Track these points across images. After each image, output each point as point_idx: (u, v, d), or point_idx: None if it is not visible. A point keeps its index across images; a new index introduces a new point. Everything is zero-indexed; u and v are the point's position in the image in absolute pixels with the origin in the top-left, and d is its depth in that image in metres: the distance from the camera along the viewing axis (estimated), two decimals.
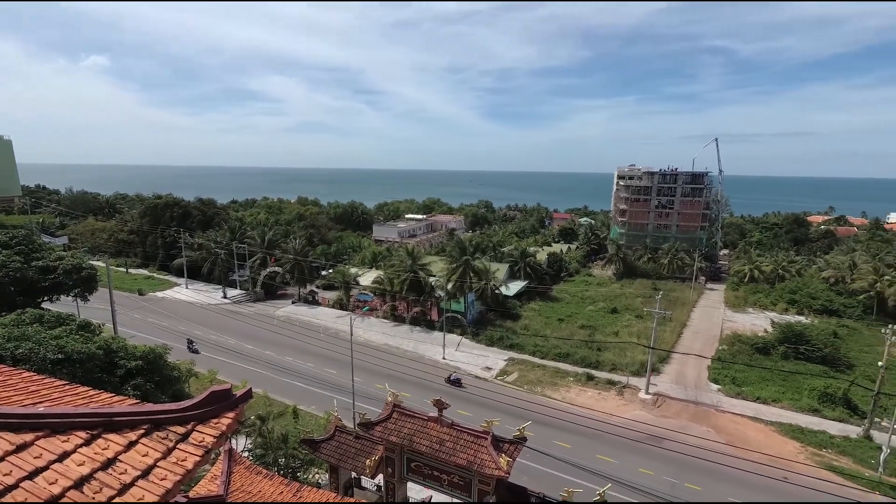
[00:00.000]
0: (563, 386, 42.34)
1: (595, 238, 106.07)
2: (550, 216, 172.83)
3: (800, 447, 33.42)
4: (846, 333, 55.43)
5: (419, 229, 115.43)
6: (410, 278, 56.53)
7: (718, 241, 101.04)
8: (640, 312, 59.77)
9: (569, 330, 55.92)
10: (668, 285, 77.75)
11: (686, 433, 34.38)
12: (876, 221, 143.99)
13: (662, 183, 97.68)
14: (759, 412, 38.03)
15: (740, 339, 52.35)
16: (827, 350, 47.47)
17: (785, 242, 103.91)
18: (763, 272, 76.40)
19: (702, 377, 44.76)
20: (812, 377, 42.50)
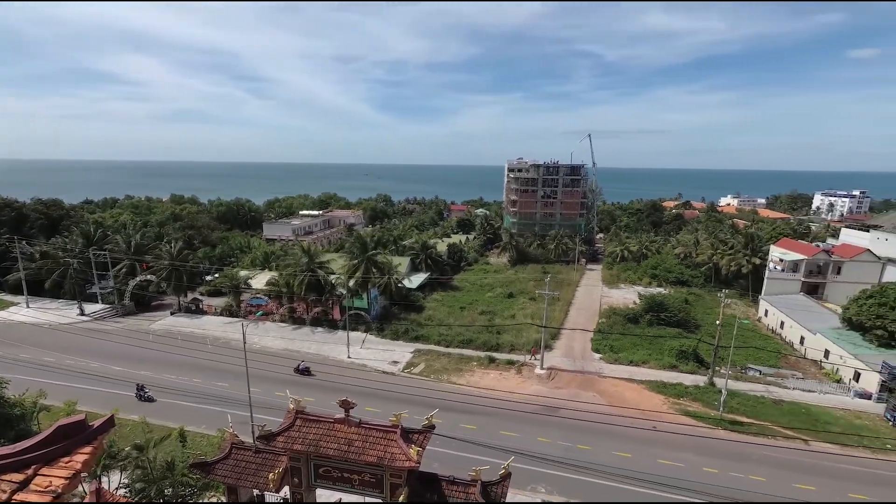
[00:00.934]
0: (468, 371, 44.11)
1: (490, 228, 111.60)
2: (448, 208, 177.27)
3: (664, 399, 39.16)
4: (694, 299, 66.05)
5: (315, 226, 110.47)
6: (309, 278, 53.92)
7: (595, 226, 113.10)
8: (533, 295, 64.60)
9: (470, 317, 58.30)
10: (556, 268, 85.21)
11: (576, 400, 38.27)
12: (712, 205, 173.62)
13: (547, 175, 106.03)
14: (633, 374, 43.69)
15: (615, 312, 59.46)
16: (681, 315, 56.11)
17: (646, 225, 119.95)
18: (631, 252, 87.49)
19: (586, 348, 49.98)
20: (671, 339, 49.91)
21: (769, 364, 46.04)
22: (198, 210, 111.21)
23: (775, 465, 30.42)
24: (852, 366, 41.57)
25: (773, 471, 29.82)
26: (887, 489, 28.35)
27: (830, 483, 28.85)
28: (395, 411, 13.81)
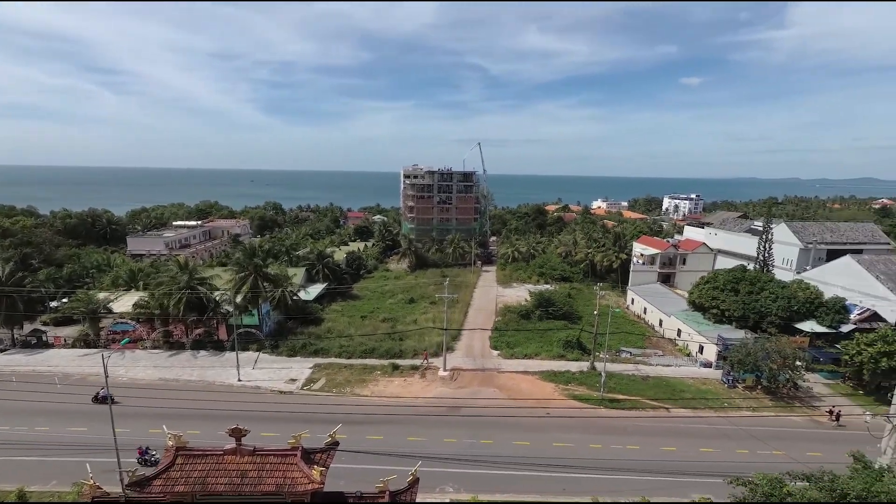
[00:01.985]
0: (372, 381, 43.32)
1: (389, 234, 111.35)
2: (345, 215, 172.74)
3: (554, 387, 42.66)
4: (576, 293, 73.14)
5: (194, 238, 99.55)
6: (188, 296, 48.31)
7: (488, 229, 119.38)
8: (434, 299, 65.88)
9: (372, 325, 57.39)
10: (454, 272, 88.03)
11: (478, 397, 39.86)
12: (586, 208, 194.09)
13: (442, 181, 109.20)
14: (527, 366, 46.87)
15: (510, 310, 63.32)
16: (565, 308, 61.75)
17: (533, 228, 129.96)
18: (521, 253, 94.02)
19: (485, 347, 52.39)
20: (558, 331, 54.61)
21: (637, 346, 52.87)
22: (36, 223, 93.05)
23: (646, 434, 35.00)
24: (697, 341, 49.68)
25: (644, 438, 34.26)
26: (726, 440, 34.33)
27: (686, 441, 34.03)
28: (295, 432, 13.05)
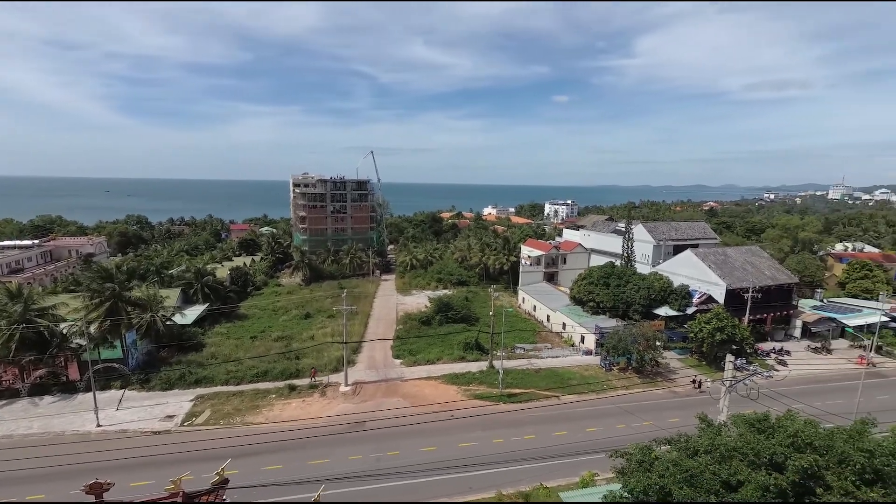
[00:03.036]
0: (266, 406, 40.06)
1: (279, 247, 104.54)
2: (227, 228, 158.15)
3: (457, 389, 43.82)
4: (472, 296, 76.20)
5: (29, 260, 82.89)
6: (22, 331, 39.85)
7: (385, 238, 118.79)
8: (331, 312, 63.39)
9: (264, 346, 53.21)
10: (352, 283, 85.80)
11: (382, 409, 39.20)
12: (478, 215, 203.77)
13: (335, 190, 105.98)
14: (430, 371, 47.45)
15: (411, 317, 63.63)
16: (463, 311, 63.95)
17: (429, 235, 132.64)
18: (419, 260, 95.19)
19: (388, 356, 51.84)
20: (457, 334, 56.29)
21: (529, 341, 56.83)
22: None
23: (540, 422, 37.69)
24: (579, 332, 55.09)
25: (539, 427, 36.85)
26: (607, 418, 38.49)
27: (575, 424, 37.41)
28: (175, 476, 11.50)
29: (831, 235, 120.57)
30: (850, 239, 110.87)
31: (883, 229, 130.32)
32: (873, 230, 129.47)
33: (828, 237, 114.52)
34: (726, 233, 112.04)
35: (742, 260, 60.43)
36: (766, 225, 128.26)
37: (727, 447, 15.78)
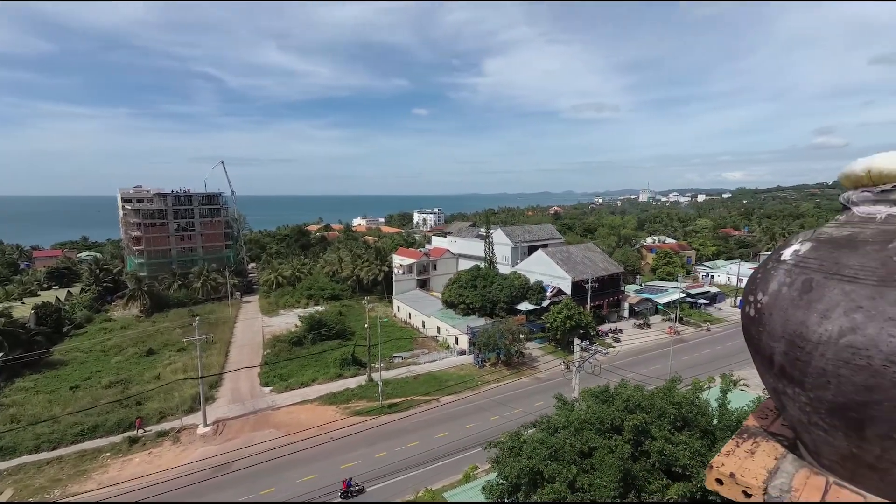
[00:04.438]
0: (97, 468, 33.05)
1: (107, 274, 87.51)
2: (30, 256, 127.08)
3: (336, 408, 42.01)
4: (346, 310, 74.02)
5: None
6: None
7: (244, 256, 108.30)
8: (182, 345, 55.32)
9: (91, 396, 43.86)
10: (207, 308, 76.19)
11: (252, 445, 35.52)
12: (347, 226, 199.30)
13: (178, 205, 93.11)
14: (305, 395, 44.63)
15: (279, 340, 59.03)
16: (338, 326, 61.69)
17: (296, 249, 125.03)
18: (285, 277, 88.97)
19: (255, 386, 47.23)
20: (333, 351, 54.08)
21: (407, 349, 57.41)
22: None
23: (422, 427, 38.32)
24: (453, 333, 57.62)
25: (421, 433, 37.43)
26: (482, 412, 40.92)
27: (454, 423, 38.94)
28: None
29: (643, 231, 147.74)
30: (656, 233, 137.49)
31: (676, 224, 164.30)
32: (670, 225, 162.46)
33: (641, 232, 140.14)
34: (568, 233, 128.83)
35: (582, 256, 70.22)
36: (598, 225, 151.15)
37: (580, 420, 18.14)
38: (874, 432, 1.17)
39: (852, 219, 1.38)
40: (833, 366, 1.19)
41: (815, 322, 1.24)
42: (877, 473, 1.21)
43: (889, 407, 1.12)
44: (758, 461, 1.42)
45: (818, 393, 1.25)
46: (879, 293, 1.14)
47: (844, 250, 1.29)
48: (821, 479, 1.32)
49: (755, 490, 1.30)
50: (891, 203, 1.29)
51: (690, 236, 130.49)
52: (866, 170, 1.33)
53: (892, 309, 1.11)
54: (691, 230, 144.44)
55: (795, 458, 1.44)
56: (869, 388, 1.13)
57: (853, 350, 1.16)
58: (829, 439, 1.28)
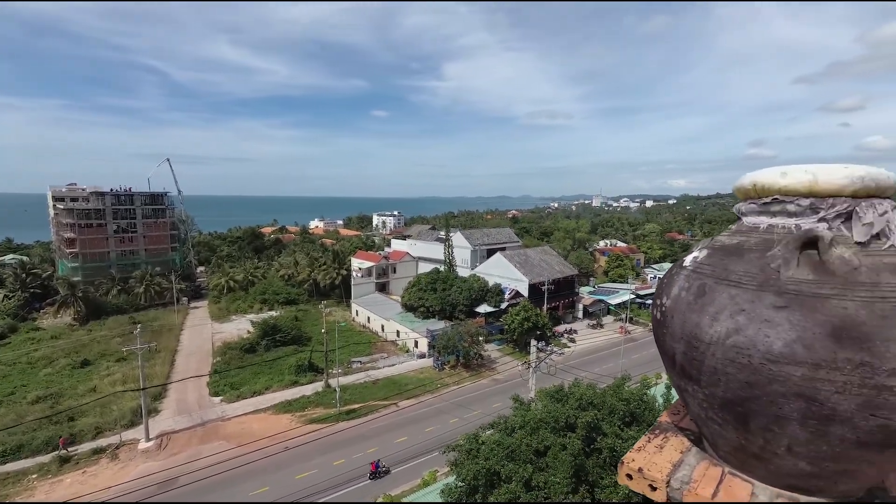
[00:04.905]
0: (21, 493, 30.28)
1: (35, 279, 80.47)
2: None
3: (291, 416, 40.69)
4: (303, 315, 71.96)
5: None
6: None
7: (193, 259, 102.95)
8: (121, 354, 51.72)
9: (15, 412, 40.12)
10: (150, 315, 71.80)
11: (199, 458, 33.71)
12: (304, 228, 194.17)
13: (118, 205, 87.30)
14: (258, 404, 42.92)
15: (230, 347, 56.48)
16: (293, 332, 59.85)
17: (249, 252, 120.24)
18: (237, 281, 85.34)
19: (204, 396, 44.91)
20: (288, 357, 52.35)
21: (366, 353, 56.55)
22: None
23: (381, 433, 37.83)
24: (412, 337, 57.34)
25: (380, 438, 36.94)
26: (442, 415, 40.95)
27: (414, 427, 38.72)
28: None
29: (596, 235, 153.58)
30: (608, 237, 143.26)
31: (627, 229, 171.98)
32: (621, 229, 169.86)
33: (594, 236, 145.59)
34: (526, 236, 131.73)
35: (538, 259, 71.98)
36: (554, 228, 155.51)
37: (536, 420, 18.56)
38: (756, 425, 1.28)
39: (741, 228, 1.51)
40: (722, 364, 1.29)
41: (707, 324, 1.34)
42: (761, 462, 1.33)
43: (766, 402, 1.23)
44: (665, 455, 1.51)
45: (711, 390, 1.35)
46: (758, 297, 1.26)
47: (733, 257, 1.40)
48: (718, 469, 1.42)
49: (659, 483, 1.38)
50: (771, 214, 1.43)
51: (639, 240, 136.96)
52: (752, 184, 1.46)
53: (768, 311, 1.22)
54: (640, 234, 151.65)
55: (699, 451, 1.55)
56: (750, 384, 1.24)
57: (737, 350, 1.26)
58: (723, 432, 1.39)
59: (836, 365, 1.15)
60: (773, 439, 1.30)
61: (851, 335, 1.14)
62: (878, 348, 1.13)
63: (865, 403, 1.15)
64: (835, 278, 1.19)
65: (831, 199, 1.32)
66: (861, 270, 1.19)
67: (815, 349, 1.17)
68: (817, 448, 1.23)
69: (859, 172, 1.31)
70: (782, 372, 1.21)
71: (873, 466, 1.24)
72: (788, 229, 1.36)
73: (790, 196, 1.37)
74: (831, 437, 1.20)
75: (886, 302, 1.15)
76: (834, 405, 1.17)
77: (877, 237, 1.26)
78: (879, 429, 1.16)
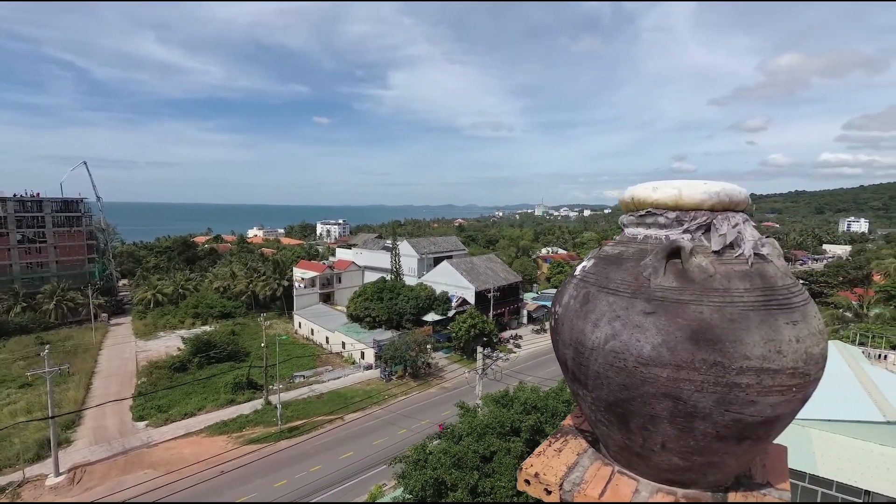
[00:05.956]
0: None
1: None
2: None
3: (227, 438, 38.19)
4: (240, 329, 68.19)
5: None
6: None
7: (114, 271, 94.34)
8: (25, 379, 46.17)
9: None
10: (62, 334, 64.90)
11: (120, 490, 30.68)
12: (241, 237, 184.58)
13: (24, 212, 78.52)
14: (189, 426, 39.92)
15: (158, 366, 52.26)
16: (230, 347, 56.50)
17: (179, 263, 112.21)
18: (166, 294, 79.30)
19: (126, 422, 41.10)
20: (224, 374, 49.29)
21: (309, 367, 54.48)
22: None
23: (326, 450, 36.48)
24: (359, 348, 56.07)
25: (325, 455, 35.60)
26: (390, 427, 40.24)
27: (361, 441, 37.70)
28: None
29: (539, 242, 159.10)
30: (550, 244, 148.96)
31: (567, 237, 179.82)
32: (562, 237, 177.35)
33: (537, 244, 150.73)
34: (472, 244, 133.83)
35: (484, 266, 73.31)
36: (499, 237, 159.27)
37: (482, 426, 18.73)
38: (635, 424, 1.37)
39: (623, 238, 1.62)
40: (603, 368, 1.37)
41: (590, 330, 1.42)
42: (642, 460, 1.42)
43: (641, 402, 1.32)
44: (562, 458, 1.57)
45: (597, 393, 1.43)
46: (631, 304, 1.35)
47: (613, 266, 1.50)
48: (609, 469, 1.50)
49: (553, 487, 1.43)
50: (647, 226, 1.54)
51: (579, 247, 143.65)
52: (631, 197, 1.57)
53: (639, 317, 1.32)
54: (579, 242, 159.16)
55: (595, 452, 1.63)
56: (626, 386, 1.33)
57: (614, 354, 1.34)
58: (610, 433, 1.47)
59: (695, 365, 1.25)
60: (649, 437, 1.39)
61: (706, 337, 1.25)
62: (727, 349, 1.24)
63: (720, 400, 1.26)
64: (694, 285, 1.31)
65: (693, 213, 1.45)
66: (716, 277, 1.32)
67: (677, 351, 1.27)
68: (685, 443, 1.34)
69: (715, 188, 1.45)
70: (651, 374, 1.30)
71: (735, 458, 1.36)
72: (659, 240, 1.47)
73: (660, 209, 1.49)
74: (696, 432, 1.31)
75: (735, 306, 1.28)
76: (695, 403, 1.27)
77: (730, 247, 1.40)
78: (734, 423, 1.28)
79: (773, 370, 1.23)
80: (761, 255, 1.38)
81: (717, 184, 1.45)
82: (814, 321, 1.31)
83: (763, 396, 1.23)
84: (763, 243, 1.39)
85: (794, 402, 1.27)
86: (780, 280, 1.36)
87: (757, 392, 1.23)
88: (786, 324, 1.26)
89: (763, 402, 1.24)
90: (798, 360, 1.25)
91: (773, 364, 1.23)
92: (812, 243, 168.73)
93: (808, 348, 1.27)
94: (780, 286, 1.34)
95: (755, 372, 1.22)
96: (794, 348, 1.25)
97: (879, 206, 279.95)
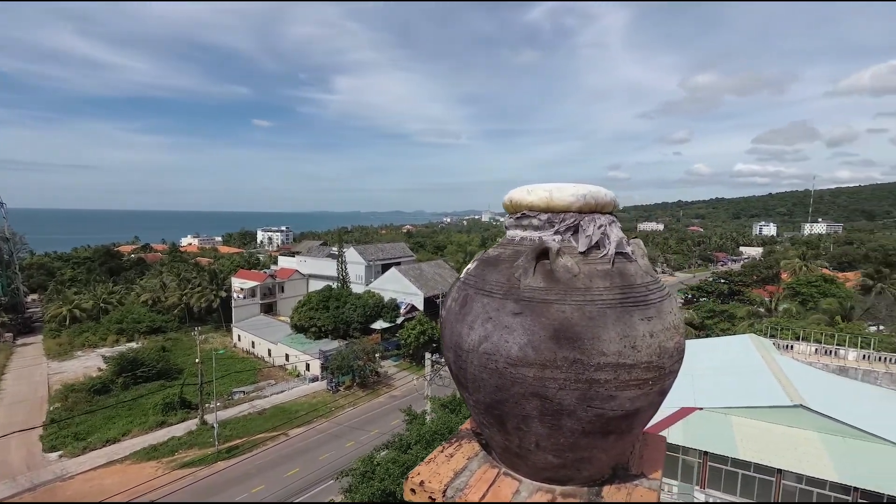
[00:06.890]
0: None
1: None
2: None
3: (157, 463, 35.29)
4: (172, 345, 63.45)
5: None
6: None
7: (20, 286, 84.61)
8: None
9: None
10: None
11: None
12: (174, 246, 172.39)
13: None
14: (112, 454, 36.50)
15: (74, 389, 47.30)
16: (160, 365, 52.37)
17: (101, 275, 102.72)
18: (85, 310, 72.21)
19: (35, 453, 36.83)
20: (153, 394, 45.60)
21: (250, 382, 51.71)
22: None
23: (269, 468, 34.70)
24: (304, 360, 54.02)
25: (268, 474, 33.84)
26: (337, 440, 39.04)
27: (306, 457, 36.25)
28: None
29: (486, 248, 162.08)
30: None
31: None
32: None
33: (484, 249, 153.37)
34: (420, 251, 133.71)
35: (433, 272, 73.42)
36: (447, 242, 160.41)
37: (431, 432, 18.61)
38: (511, 425, 1.38)
39: (503, 241, 1.65)
40: (478, 370, 1.38)
41: (466, 333, 1.42)
42: (522, 460, 1.44)
43: (513, 403, 1.34)
44: (452, 464, 1.56)
45: (476, 395, 1.43)
46: (503, 305, 1.37)
47: (490, 268, 1.52)
48: (494, 471, 1.51)
49: (437, 494, 1.41)
50: (523, 228, 1.58)
51: None
52: (510, 200, 1.61)
53: (508, 318, 1.34)
54: None
55: (485, 455, 1.63)
56: (499, 388, 1.34)
57: (487, 356, 1.35)
58: (492, 434, 1.48)
59: (557, 364, 1.29)
60: (524, 437, 1.41)
61: (567, 336, 1.28)
62: (586, 346, 1.29)
63: (582, 396, 1.30)
64: (560, 285, 1.35)
65: (563, 214, 1.50)
66: (580, 277, 1.36)
67: (541, 351, 1.30)
68: (556, 441, 1.37)
69: (583, 191, 1.52)
70: (520, 374, 1.32)
71: (604, 452, 1.41)
72: (533, 241, 1.51)
73: (534, 211, 1.54)
74: (564, 429, 1.34)
75: (594, 305, 1.33)
76: (560, 400, 1.31)
77: (596, 247, 1.46)
78: (597, 418, 1.33)
79: (628, 365, 1.29)
80: (625, 254, 1.45)
81: (585, 186, 1.52)
82: (669, 317, 1.39)
83: (621, 391, 1.29)
84: (628, 243, 1.47)
85: (651, 395, 1.34)
86: (640, 278, 1.44)
87: (615, 387, 1.28)
88: (641, 320, 1.33)
89: (622, 397, 1.29)
90: (652, 355, 1.32)
91: (628, 359, 1.29)
92: (731, 246, 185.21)
93: (661, 343, 1.35)
94: (639, 284, 1.42)
95: (612, 367, 1.27)
96: (647, 343, 1.32)
97: (785, 212, 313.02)
